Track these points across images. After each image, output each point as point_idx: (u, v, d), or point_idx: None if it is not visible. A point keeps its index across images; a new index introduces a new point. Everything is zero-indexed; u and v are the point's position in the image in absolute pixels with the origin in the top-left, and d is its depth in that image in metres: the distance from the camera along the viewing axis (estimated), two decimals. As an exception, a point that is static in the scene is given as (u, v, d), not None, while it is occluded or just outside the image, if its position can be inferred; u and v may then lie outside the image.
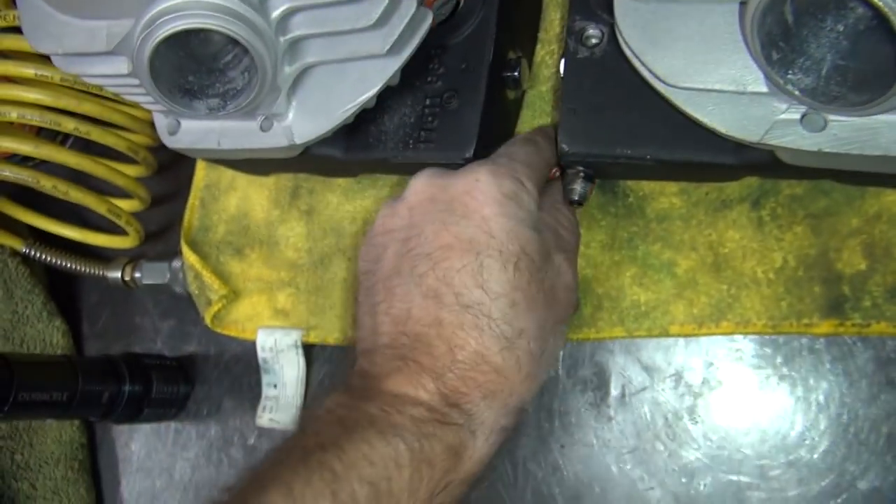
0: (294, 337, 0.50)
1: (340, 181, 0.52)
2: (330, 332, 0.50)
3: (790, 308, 0.39)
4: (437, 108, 0.42)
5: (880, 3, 0.24)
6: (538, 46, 0.47)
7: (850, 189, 0.39)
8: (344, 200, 0.52)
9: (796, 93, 0.29)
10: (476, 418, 0.30)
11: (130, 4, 0.35)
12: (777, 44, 0.28)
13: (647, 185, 0.43)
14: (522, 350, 0.31)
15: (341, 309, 0.50)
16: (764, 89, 0.31)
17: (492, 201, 0.32)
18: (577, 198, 0.39)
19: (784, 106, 0.31)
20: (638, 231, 0.43)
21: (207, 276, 0.51)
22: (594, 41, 0.39)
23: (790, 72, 0.28)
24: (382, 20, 0.37)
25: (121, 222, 0.52)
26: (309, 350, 0.51)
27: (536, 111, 0.46)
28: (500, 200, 0.32)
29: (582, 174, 0.39)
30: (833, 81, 0.28)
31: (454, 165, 0.42)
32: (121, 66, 0.38)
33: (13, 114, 0.46)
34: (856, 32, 0.27)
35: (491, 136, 0.42)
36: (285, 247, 0.53)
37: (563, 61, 0.40)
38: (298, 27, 0.38)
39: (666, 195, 0.43)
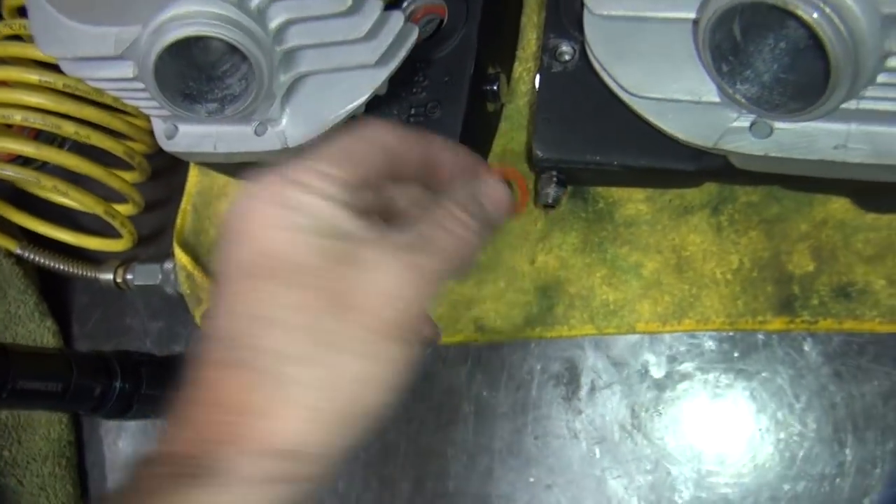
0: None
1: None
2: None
3: (746, 306, 0.43)
4: (422, 118, 0.45)
5: (815, 25, 0.27)
6: (516, 64, 0.51)
7: (800, 197, 0.43)
8: (331, 206, 0.54)
9: (744, 101, 0.32)
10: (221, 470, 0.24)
11: (139, 12, 0.38)
12: (726, 57, 0.31)
13: (616, 192, 0.46)
14: (287, 379, 0.25)
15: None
16: (717, 99, 0.34)
17: (260, 218, 0.26)
18: (550, 201, 0.42)
19: (735, 115, 0.34)
20: (607, 235, 0.46)
21: (199, 276, 0.53)
22: (567, 57, 0.42)
23: (738, 82, 0.32)
24: (372, 33, 0.40)
25: (116, 224, 0.54)
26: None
27: (514, 123, 0.50)
28: (270, 214, 0.26)
29: (555, 179, 0.42)
30: (775, 91, 0.31)
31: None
32: (127, 70, 0.40)
33: (17, 117, 0.48)
34: (795, 49, 0.31)
35: (471, 144, 0.45)
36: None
37: (538, 76, 0.44)
38: (294, 38, 0.41)
39: (633, 201, 0.46)
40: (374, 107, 0.45)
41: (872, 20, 0.26)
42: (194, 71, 0.41)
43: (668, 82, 0.35)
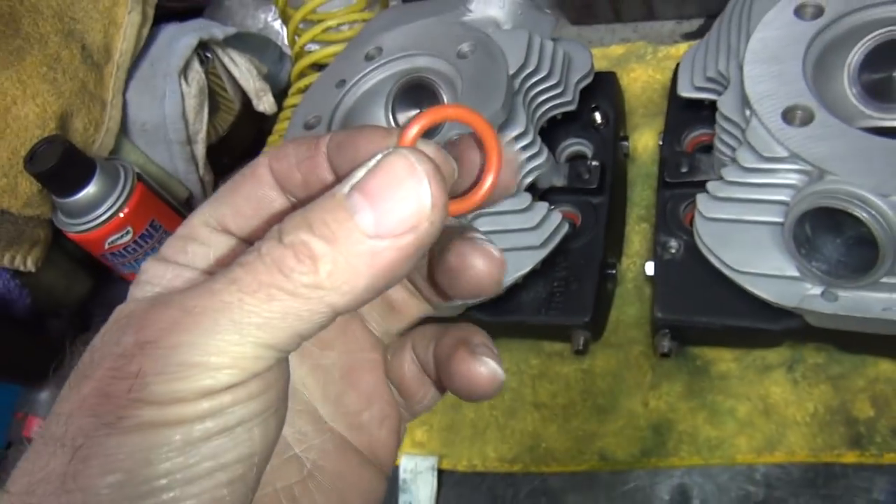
0: (430, 463, 0.63)
1: (470, 346, 0.68)
2: (459, 461, 0.63)
3: (824, 442, 0.54)
4: (562, 288, 0.61)
5: (867, 221, 0.43)
6: (624, 258, 0.67)
7: (855, 359, 0.56)
8: (472, 360, 0.68)
9: (817, 274, 0.47)
10: None
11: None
12: (803, 245, 0.47)
13: (710, 353, 0.60)
14: None
15: (469, 442, 0.64)
16: (796, 274, 0.49)
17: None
18: (666, 351, 0.56)
19: (809, 285, 0.49)
20: (706, 386, 0.59)
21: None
22: (673, 250, 0.59)
23: (812, 262, 0.47)
24: (539, 224, 0.58)
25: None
26: (440, 474, 0.63)
27: (624, 300, 0.65)
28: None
29: (668, 335, 0.57)
30: (839, 268, 0.47)
31: (574, 328, 0.59)
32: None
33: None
34: (850, 239, 0.47)
35: (598, 309, 0.60)
36: (422, 394, 0.68)
37: (648, 264, 0.60)
38: (484, 226, 0.58)
39: (724, 360, 0.60)
40: (529, 277, 0.60)
41: (902, 219, 0.43)
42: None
43: (759, 262, 0.50)
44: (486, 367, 0.27)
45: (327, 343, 0.28)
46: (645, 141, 0.73)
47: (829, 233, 0.47)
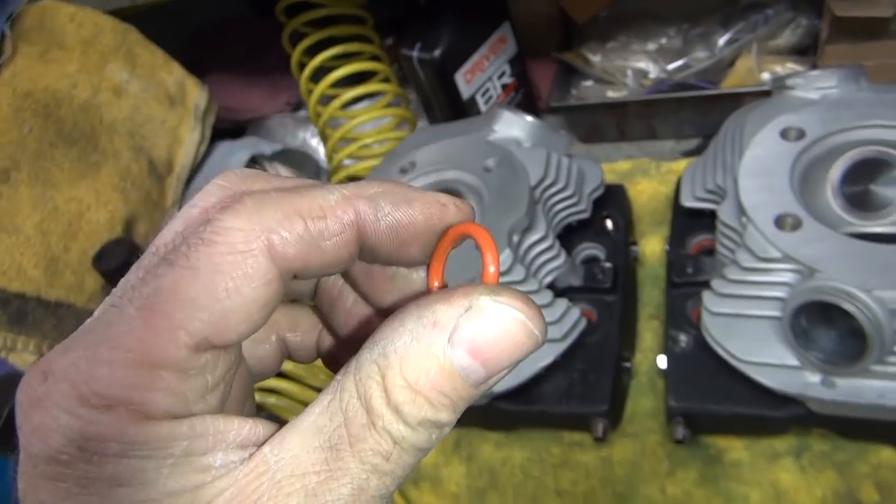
0: (457, 549, 0.66)
1: (493, 434, 0.72)
2: (485, 547, 0.66)
3: (834, 527, 0.57)
4: (581, 379, 0.66)
5: (854, 312, 0.49)
6: (637, 353, 0.72)
7: (858, 446, 0.60)
8: (495, 450, 0.72)
9: (815, 362, 0.53)
10: None
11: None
12: (800, 336, 0.53)
13: (723, 442, 0.64)
14: None
15: (494, 529, 0.66)
16: (797, 363, 0.54)
17: None
18: (680, 437, 0.60)
19: (809, 374, 0.54)
20: (719, 473, 0.63)
21: (396, 498, 0.69)
22: (683, 343, 0.64)
23: (810, 351, 0.53)
24: (559, 318, 0.63)
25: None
26: (468, 561, 0.66)
27: (639, 392, 0.70)
28: None
29: (682, 421, 0.61)
30: (834, 357, 0.52)
31: (594, 416, 0.64)
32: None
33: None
34: (842, 330, 0.52)
35: (615, 399, 0.65)
36: (449, 483, 0.71)
37: (660, 357, 0.65)
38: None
39: (736, 449, 0.63)
40: (550, 369, 0.65)
41: (884, 310, 0.48)
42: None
43: (762, 352, 0.56)
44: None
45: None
46: (652, 246, 0.80)
47: (823, 325, 0.53)
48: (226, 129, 1.06)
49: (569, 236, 0.74)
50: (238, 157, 0.78)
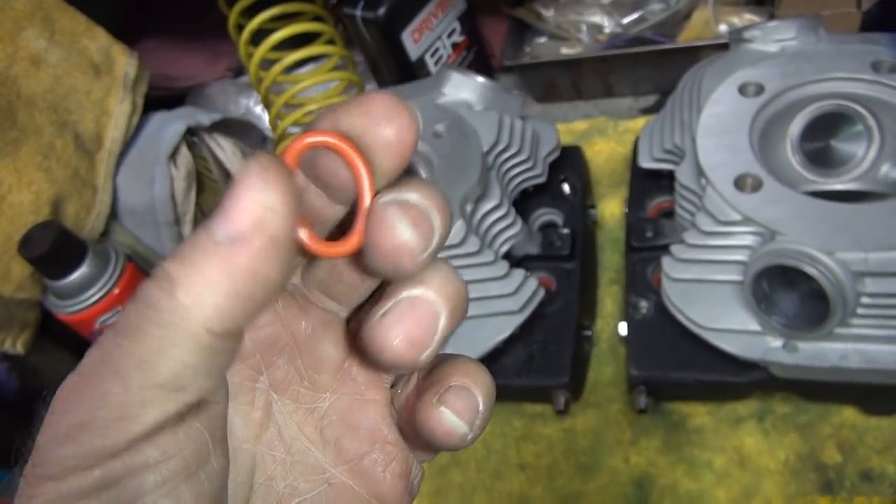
0: (420, 529, 0.64)
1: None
2: (448, 526, 0.64)
3: (797, 489, 0.57)
4: (541, 351, 0.64)
5: (817, 276, 0.47)
6: (598, 320, 0.71)
7: (820, 408, 0.59)
8: (457, 425, 0.70)
9: (777, 327, 0.51)
10: None
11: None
12: (762, 301, 0.51)
13: (685, 408, 0.63)
14: None
15: (457, 507, 0.65)
16: (759, 328, 0.53)
17: None
18: (642, 406, 0.59)
19: (771, 339, 0.53)
20: (683, 440, 0.62)
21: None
22: (644, 309, 0.62)
23: (772, 316, 0.51)
24: (516, 290, 0.61)
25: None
26: (430, 541, 0.64)
27: (601, 360, 0.68)
28: None
29: (645, 390, 0.59)
30: (796, 321, 0.51)
31: (555, 388, 0.62)
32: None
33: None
34: (804, 293, 0.51)
35: (576, 370, 0.63)
36: (409, 461, 0.69)
37: (621, 324, 0.63)
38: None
39: (699, 415, 0.62)
40: (509, 342, 0.63)
41: (847, 273, 0.47)
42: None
43: (724, 318, 0.54)
44: (444, 419, 0.24)
45: (322, 386, 0.26)
46: (611, 208, 0.78)
47: (785, 289, 0.51)
48: (163, 98, 1.00)
49: (525, 202, 0.71)
50: (173, 128, 0.73)
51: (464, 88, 0.69)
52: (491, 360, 0.63)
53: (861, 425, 0.58)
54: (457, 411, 0.24)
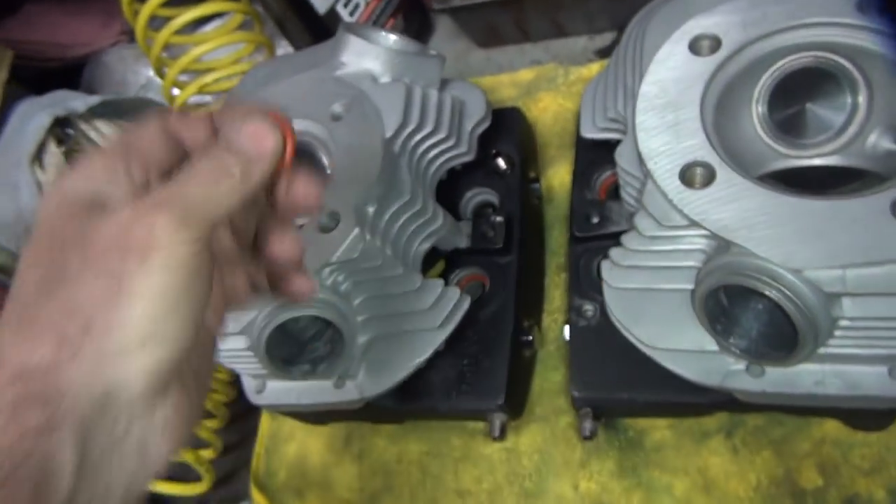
0: (349, 569, 0.57)
1: (387, 427, 0.62)
2: (381, 564, 0.57)
3: (770, 520, 0.49)
4: (473, 367, 0.54)
5: (777, 300, 0.37)
6: (545, 315, 0.61)
7: (799, 420, 0.50)
8: (390, 444, 0.61)
9: (736, 352, 0.41)
10: None
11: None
12: (719, 319, 0.41)
13: (643, 422, 0.54)
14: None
15: (391, 541, 0.57)
16: (716, 348, 0.43)
17: (50, 196, 0.30)
18: (587, 434, 0.50)
19: (732, 360, 0.43)
20: (640, 460, 0.53)
21: (274, 515, 0.59)
22: (590, 313, 0.52)
23: (730, 338, 0.41)
24: (434, 305, 0.51)
25: (201, 469, 0.61)
26: (362, 581, 0.57)
27: (546, 365, 0.59)
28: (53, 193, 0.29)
29: (590, 414, 0.50)
30: (760, 343, 0.41)
31: (487, 410, 0.53)
32: (241, 342, 0.50)
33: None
34: (771, 311, 0.41)
35: (514, 386, 0.54)
36: (339, 488, 0.61)
37: (567, 328, 0.54)
38: (372, 309, 0.51)
39: (658, 429, 0.54)
40: (436, 356, 0.54)
41: (819, 296, 0.37)
42: (291, 339, 0.51)
43: (676, 337, 0.44)
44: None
45: None
46: (561, 177, 0.67)
47: (745, 302, 0.41)
48: (58, 69, 0.88)
49: (454, 182, 0.60)
50: (36, 123, 0.62)
51: (366, 56, 0.57)
52: (416, 378, 0.54)
53: (845, 440, 0.49)
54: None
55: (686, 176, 0.41)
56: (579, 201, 0.56)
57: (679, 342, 0.44)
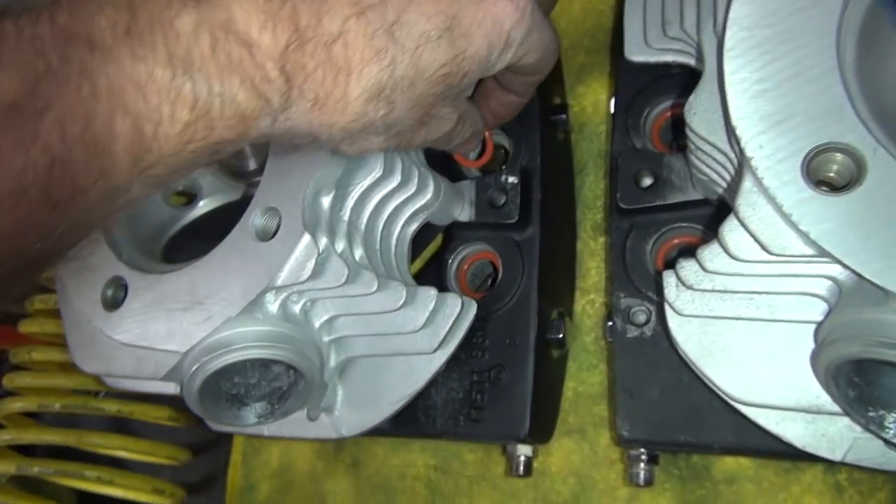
0: None
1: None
2: None
3: (885, 586, 0.37)
4: (486, 383, 0.41)
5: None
6: (577, 295, 0.47)
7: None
8: (391, 453, 0.50)
9: (873, 429, 0.27)
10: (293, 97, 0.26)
11: (179, 339, 0.35)
12: (853, 384, 0.27)
13: (710, 446, 0.41)
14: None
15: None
16: (837, 409, 0.29)
17: None
18: (640, 482, 0.38)
19: (851, 423, 0.29)
20: (706, 494, 0.41)
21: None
22: (643, 318, 0.38)
23: (870, 410, 0.27)
24: (428, 322, 0.37)
25: (164, 498, 0.51)
26: None
27: (583, 364, 0.45)
28: None
29: (645, 456, 0.38)
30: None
31: (507, 438, 0.41)
32: (169, 387, 0.38)
33: (56, 405, 0.46)
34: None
35: (541, 406, 0.41)
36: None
37: (608, 328, 0.40)
38: (343, 329, 0.38)
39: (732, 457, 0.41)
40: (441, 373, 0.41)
41: None
42: (238, 378, 0.38)
43: (779, 390, 0.30)
44: None
45: None
46: (596, 94, 0.50)
47: (883, 378, 0.27)
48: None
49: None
50: None
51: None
52: (417, 399, 0.41)
53: None
54: None
55: (814, 169, 0.25)
56: (623, 154, 0.40)
57: (784, 398, 0.30)
